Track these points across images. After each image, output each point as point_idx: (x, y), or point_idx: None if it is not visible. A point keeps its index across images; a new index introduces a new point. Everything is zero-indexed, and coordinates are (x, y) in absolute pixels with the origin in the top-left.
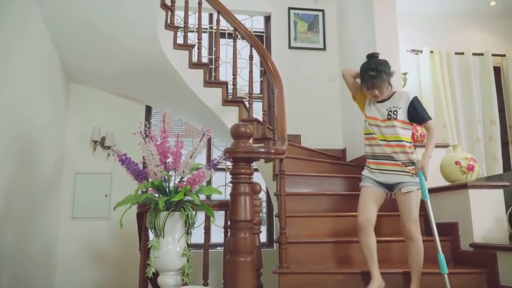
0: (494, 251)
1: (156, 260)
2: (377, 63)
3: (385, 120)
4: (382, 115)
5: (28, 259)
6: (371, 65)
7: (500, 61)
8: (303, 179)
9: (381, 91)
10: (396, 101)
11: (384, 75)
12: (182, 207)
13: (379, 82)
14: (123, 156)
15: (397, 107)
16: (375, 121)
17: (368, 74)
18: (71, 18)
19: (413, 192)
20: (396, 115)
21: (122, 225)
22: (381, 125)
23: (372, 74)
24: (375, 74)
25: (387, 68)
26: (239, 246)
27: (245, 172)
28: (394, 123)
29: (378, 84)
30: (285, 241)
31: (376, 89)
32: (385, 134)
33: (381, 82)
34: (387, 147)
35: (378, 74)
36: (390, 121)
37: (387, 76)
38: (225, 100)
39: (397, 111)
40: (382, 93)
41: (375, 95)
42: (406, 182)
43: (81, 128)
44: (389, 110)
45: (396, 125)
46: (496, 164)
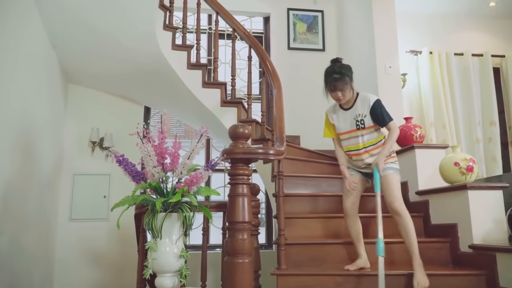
0: (493, 253)
1: (154, 261)
2: (341, 67)
3: (354, 131)
4: (351, 125)
5: (26, 260)
6: (334, 69)
7: (499, 62)
8: (302, 180)
9: (343, 94)
10: (360, 108)
11: (347, 78)
12: (179, 208)
13: (342, 84)
14: (120, 157)
15: (363, 116)
16: (347, 135)
17: (331, 77)
18: (70, 18)
19: (390, 174)
20: (364, 124)
21: (119, 226)
22: (353, 136)
23: (336, 77)
24: (339, 77)
25: (350, 73)
26: (237, 248)
27: (243, 173)
28: (363, 132)
29: (340, 87)
30: (284, 243)
31: (339, 91)
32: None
33: (344, 84)
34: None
35: (341, 77)
36: (360, 130)
37: (349, 80)
38: (224, 101)
39: (363, 119)
40: (345, 95)
41: (338, 97)
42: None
43: (80, 129)
44: (356, 120)
45: (366, 133)
46: (495, 165)
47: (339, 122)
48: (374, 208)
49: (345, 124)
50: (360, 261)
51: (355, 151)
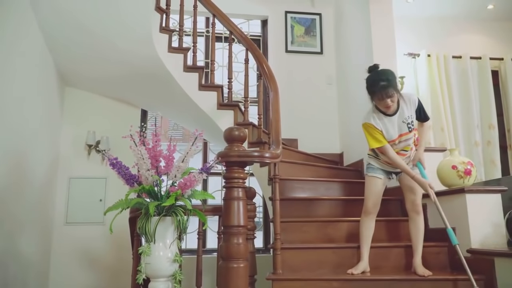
0: (491, 257)
1: (147, 266)
2: (386, 73)
3: (406, 133)
4: (400, 129)
5: (22, 264)
6: (380, 76)
7: (498, 64)
8: (299, 184)
9: (393, 100)
10: (406, 110)
11: (394, 83)
12: (173, 212)
13: (391, 90)
14: (114, 160)
15: (412, 117)
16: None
17: (379, 85)
18: (66, 21)
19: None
20: (414, 125)
21: (111, 230)
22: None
23: (384, 84)
24: (387, 83)
25: (395, 77)
26: (232, 252)
27: (239, 176)
28: (412, 134)
29: (390, 93)
30: (279, 247)
31: (389, 98)
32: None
33: (394, 90)
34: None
35: (389, 83)
36: (411, 133)
37: (395, 85)
38: (220, 103)
39: (413, 120)
40: (394, 102)
41: (387, 105)
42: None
43: (76, 132)
44: (407, 122)
45: (411, 137)
46: (494, 169)
47: (387, 130)
48: None
49: (393, 130)
50: (362, 264)
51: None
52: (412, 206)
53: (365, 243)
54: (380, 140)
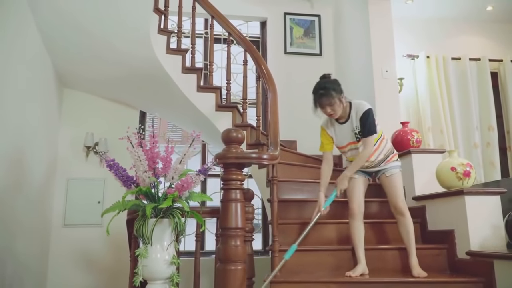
0: (491, 260)
1: (144, 268)
2: (325, 82)
3: (354, 143)
4: (351, 137)
5: (19, 266)
6: (319, 85)
7: (497, 66)
8: (298, 186)
9: (333, 108)
10: (355, 120)
11: (332, 92)
12: (171, 214)
13: (328, 99)
14: (111, 161)
15: (359, 127)
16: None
17: (317, 94)
18: (64, 23)
19: (396, 174)
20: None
21: (108, 232)
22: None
23: (321, 93)
24: (324, 92)
25: (336, 86)
26: (229, 254)
27: (236, 178)
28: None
29: (328, 102)
30: (277, 249)
31: (328, 107)
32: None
33: (330, 99)
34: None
35: (326, 91)
36: (358, 142)
37: (336, 93)
38: (219, 105)
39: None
40: (335, 110)
41: (328, 113)
42: (387, 167)
43: (74, 134)
44: (354, 132)
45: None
46: (494, 171)
47: (337, 136)
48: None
49: (344, 138)
50: (360, 266)
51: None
52: (395, 209)
53: (358, 245)
54: (323, 146)
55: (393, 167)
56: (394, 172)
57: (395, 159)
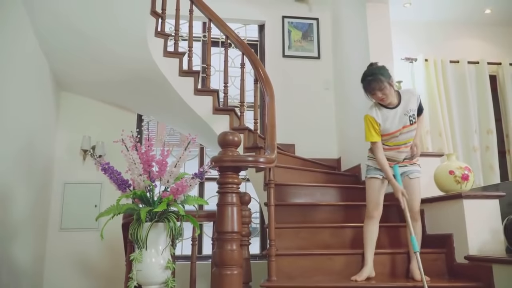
0: (490, 264)
1: (138, 273)
2: (373, 69)
3: (407, 126)
4: (402, 122)
5: (15, 270)
6: (367, 72)
7: (496, 69)
8: (295, 189)
9: (384, 93)
10: (408, 104)
11: (381, 77)
12: (166, 218)
13: (378, 84)
14: (105, 165)
15: (414, 110)
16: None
17: (365, 80)
18: (61, 26)
19: (419, 179)
20: (415, 118)
21: (103, 236)
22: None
23: (369, 79)
24: (372, 78)
25: (384, 71)
26: (225, 259)
27: (233, 181)
28: (413, 127)
29: (378, 86)
30: (274, 253)
31: (378, 92)
32: (400, 140)
33: (380, 83)
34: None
35: (374, 77)
36: (412, 125)
37: (385, 78)
38: (216, 108)
39: (414, 114)
40: (386, 94)
41: (380, 98)
42: (412, 169)
43: (71, 137)
44: (409, 115)
45: (414, 129)
46: (493, 174)
47: (385, 123)
48: None
49: (393, 123)
50: (367, 269)
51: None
52: (411, 212)
53: (369, 247)
54: (374, 135)
55: (417, 170)
56: (417, 176)
57: (418, 163)
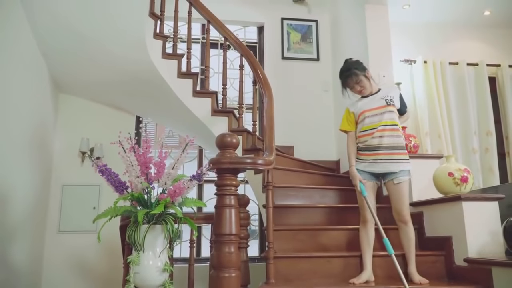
0: (489, 267)
1: (136, 275)
2: (348, 64)
3: (383, 106)
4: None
5: (12, 273)
6: (343, 68)
7: (495, 71)
8: (294, 191)
9: (362, 85)
10: (387, 92)
11: (356, 70)
12: (163, 220)
13: (354, 78)
14: (103, 166)
15: (392, 97)
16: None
17: (343, 76)
18: (60, 27)
19: (405, 182)
20: (393, 102)
21: (100, 238)
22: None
23: (346, 74)
24: (348, 73)
25: (358, 65)
26: (223, 261)
27: (231, 183)
28: (392, 108)
29: (354, 80)
30: (272, 256)
31: (356, 85)
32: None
33: (356, 77)
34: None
35: (350, 72)
36: (389, 106)
37: (359, 71)
38: (215, 110)
39: (393, 99)
40: (365, 86)
41: (358, 91)
42: (397, 173)
43: (70, 139)
44: (386, 98)
45: (393, 111)
46: (492, 176)
47: (364, 104)
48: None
49: (367, 104)
50: (365, 273)
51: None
52: (398, 216)
53: (366, 251)
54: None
55: (402, 174)
56: (403, 180)
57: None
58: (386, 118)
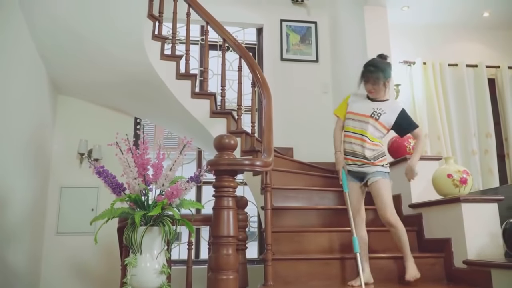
0: (488, 269)
1: (133, 278)
2: (379, 62)
3: (367, 116)
4: (367, 111)
5: (11, 274)
6: (373, 62)
7: (494, 72)
8: (293, 193)
9: (375, 88)
10: (385, 108)
11: (380, 73)
12: (161, 222)
13: (374, 77)
14: (100, 168)
15: (383, 113)
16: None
17: (367, 68)
18: (58, 29)
19: (379, 181)
20: (379, 117)
21: (96, 240)
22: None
23: (370, 69)
24: (373, 69)
25: (387, 67)
26: (221, 263)
27: (229, 185)
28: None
29: (372, 80)
30: (270, 258)
31: (371, 84)
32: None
33: (376, 79)
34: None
35: (375, 70)
36: (371, 119)
37: (384, 75)
38: (213, 111)
39: (381, 113)
40: (376, 90)
41: (369, 89)
42: (372, 173)
43: (68, 141)
44: (374, 110)
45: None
46: (492, 178)
47: (357, 104)
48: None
49: (362, 108)
50: (364, 276)
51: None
52: (383, 218)
53: (362, 254)
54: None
55: (377, 172)
56: (376, 178)
57: (381, 164)
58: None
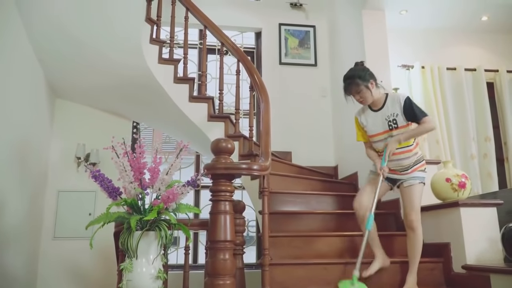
0: (487, 274)
1: (129, 283)
2: (353, 71)
3: (387, 131)
4: (383, 126)
5: (7, 280)
6: (346, 74)
7: (493, 76)
8: (291, 197)
9: (362, 96)
10: (391, 108)
11: (358, 80)
12: (157, 227)
13: (355, 87)
14: (96, 172)
15: (395, 115)
16: (378, 137)
17: (345, 82)
18: (55, 33)
19: (416, 185)
20: (397, 123)
21: (92, 245)
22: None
23: (347, 82)
24: (350, 80)
25: (363, 73)
26: (217, 268)
27: (226, 189)
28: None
29: (354, 90)
30: (267, 263)
31: (356, 94)
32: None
33: (356, 87)
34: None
35: (351, 80)
36: (392, 131)
37: (362, 80)
38: (211, 115)
39: (396, 119)
40: (363, 97)
41: (358, 100)
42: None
43: (66, 145)
44: (388, 120)
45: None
46: (491, 182)
47: (368, 124)
48: None
49: (375, 126)
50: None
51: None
52: (406, 220)
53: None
54: (358, 136)
55: (414, 177)
56: (413, 183)
57: (422, 169)
58: None
